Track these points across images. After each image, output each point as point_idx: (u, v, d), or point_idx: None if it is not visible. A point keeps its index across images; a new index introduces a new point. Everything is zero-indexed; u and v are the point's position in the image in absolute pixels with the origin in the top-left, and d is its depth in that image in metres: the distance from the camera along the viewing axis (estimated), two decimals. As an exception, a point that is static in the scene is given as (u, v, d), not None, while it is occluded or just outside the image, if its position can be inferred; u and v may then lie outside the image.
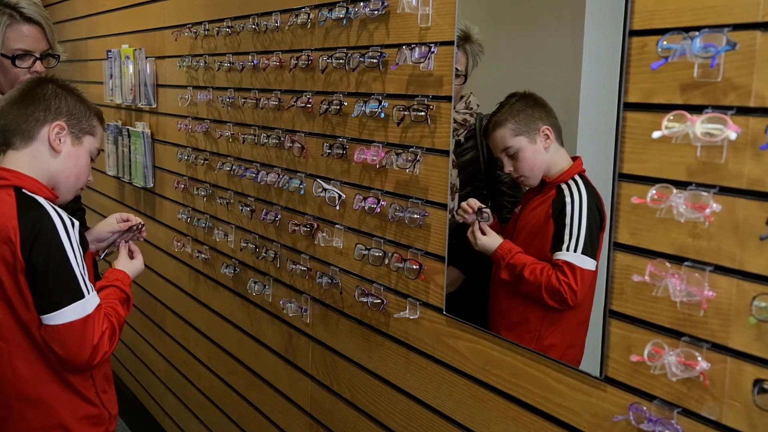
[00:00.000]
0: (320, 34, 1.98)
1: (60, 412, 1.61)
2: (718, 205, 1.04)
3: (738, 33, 1.01)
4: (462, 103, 1.58)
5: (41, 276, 1.50)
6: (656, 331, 1.16)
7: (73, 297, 1.52)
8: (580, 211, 1.35)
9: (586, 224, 1.34)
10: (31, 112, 1.61)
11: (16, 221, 1.50)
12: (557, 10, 1.42)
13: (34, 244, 1.49)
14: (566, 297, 1.36)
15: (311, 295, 2.11)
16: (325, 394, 2.09)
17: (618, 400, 1.23)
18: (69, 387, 1.62)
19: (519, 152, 1.43)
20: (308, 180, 2.06)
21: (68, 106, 1.65)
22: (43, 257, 1.50)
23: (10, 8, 1.94)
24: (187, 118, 2.77)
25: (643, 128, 1.16)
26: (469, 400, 1.57)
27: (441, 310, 1.62)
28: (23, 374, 1.57)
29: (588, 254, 1.33)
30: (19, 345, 1.56)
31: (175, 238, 2.95)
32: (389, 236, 1.77)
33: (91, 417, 1.67)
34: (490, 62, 1.55)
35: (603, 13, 1.31)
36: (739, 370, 1.04)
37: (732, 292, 1.04)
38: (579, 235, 1.35)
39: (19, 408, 1.59)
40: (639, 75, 1.16)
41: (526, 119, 1.42)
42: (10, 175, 1.58)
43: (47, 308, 1.51)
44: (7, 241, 1.49)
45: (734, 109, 1.03)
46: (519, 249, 1.47)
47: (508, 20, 1.53)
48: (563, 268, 1.36)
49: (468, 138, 1.60)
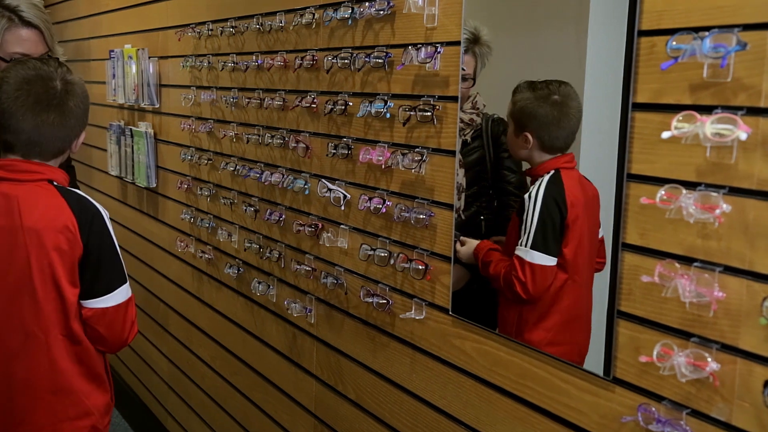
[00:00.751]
0: (325, 34, 1.97)
1: (86, 402, 1.68)
2: (728, 205, 1.04)
3: (748, 33, 1.01)
4: (468, 103, 1.58)
5: (95, 262, 1.61)
6: (665, 331, 1.15)
7: (122, 280, 1.67)
8: (534, 206, 1.39)
9: (538, 219, 1.38)
10: (68, 134, 1.67)
11: (70, 211, 1.59)
12: (562, 10, 1.42)
13: (91, 231, 1.60)
14: (517, 290, 1.41)
15: (316, 296, 2.11)
16: (329, 394, 2.09)
17: (626, 401, 1.23)
18: (95, 377, 1.70)
19: (509, 130, 1.48)
20: (313, 180, 2.06)
21: (85, 113, 1.71)
22: (98, 244, 1.61)
23: (10, 11, 1.93)
24: (190, 118, 2.77)
25: (651, 128, 1.15)
26: (476, 401, 1.57)
27: (447, 310, 1.62)
28: (60, 365, 1.63)
29: (539, 249, 1.38)
30: (57, 336, 1.61)
31: (178, 238, 2.95)
32: (395, 236, 1.76)
33: (107, 404, 1.75)
34: (494, 62, 1.55)
35: (607, 14, 1.31)
36: (749, 371, 1.04)
37: (742, 293, 1.04)
38: (530, 230, 1.40)
39: (50, 400, 1.64)
40: (648, 75, 1.15)
41: (522, 115, 1.43)
42: (43, 169, 1.64)
43: (100, 292, 1.61)
44: (63, 230, 1.57)
45: (744, 110, 1.02)
46: (494, 246, 1.52)
47: (512, 20, 1.53)
48: (514, 263, 1.42)
49: (475, 138, 1.60)
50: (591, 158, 1.37)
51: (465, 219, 1.61)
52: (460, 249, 1.58)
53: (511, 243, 1.46)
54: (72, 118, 1.66)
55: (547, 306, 1.41)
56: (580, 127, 1.36)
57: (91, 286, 1.61)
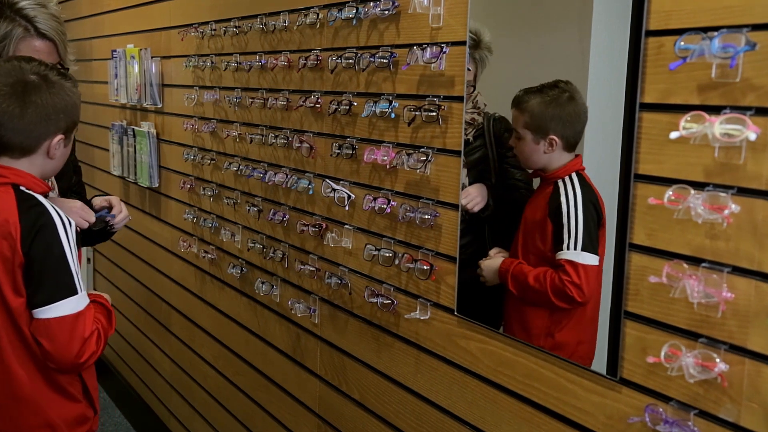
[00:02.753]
0: (329, 34, 1.97)
1: (47, 412, 1.62)
2: (736, 206, 1.04)
3: (757, 33, 1.01)
4: (470, 103, 1.58)
5: (38, 271, 1.54)
6: (672, 332, 1.15)
7: (68, 292, 1.55)
8: (576, 209, 1.37)
9: (583, 222, 1.37)
10: (31, 129, 1.58)
11: (17, 217, 1.53)
12: (565, 11, 1.42)
13: (35, 240, 1.53)
14: (573, 295, 1.38)
15: (320, 296, 2.11)
16: (333, 394, 2.09)
17: (633, 402, 1.23)
18: (56, 386, 1.63)
19: (522, 141, 1.46)
20: (317, 180, 2.06)
21: (57, 112, 1.60)
22: (42, 253, 1.53)
23: (27, 21, 1.89)
24: (193, 118, 2.76)
25: (659, 129, 1.15)
26: (481, 401, 1.56)
27: (452, 310, 1.62)
28: (15, 373, 1.58)
29: (588, 250, 1.36)
30: (12, 342, 1.57)
31: (180, 238, 2.95)
32: (399, 236, 1.76)
33: (78, 417, 1.67)
34: (497, 62, 1.54)
35: (610, 14, 1.31)
36: (757, 371, 1.04)
37: (751, 294, 1.04)
38: (577, 233, 1.37)
39: (8, 405, 1.59)
40: (655, 75, 1.15)
41: (543, 121, 1.41)
42: (8, 173, 1.59)
43: (41, 302, 1.53)
44: (6, 236, 1.52)
45: (753, 110, 1.02)
46: (519, 261, 1.50)
47: (516, 20, 1.53)
48: (565, 267, 1.38)
49: (477, 137, 1.60)
50: (595, 159, 1.38)
51: (468, 218, 1.61)
52: (484, 264, 1.56)
53: (533, 250, 1.45)
54: (34, 112, 1.56)
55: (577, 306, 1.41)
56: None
57: (33, 295, 1.54)
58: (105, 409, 3.98)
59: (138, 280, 3.49)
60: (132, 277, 3.57)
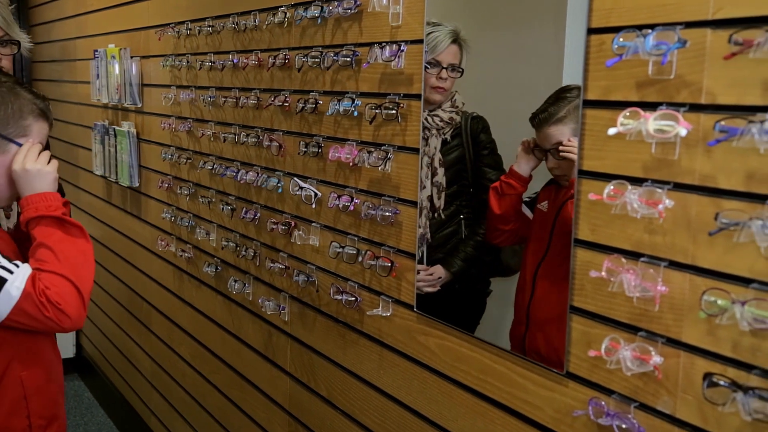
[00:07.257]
0: (297, 33, 1.98)
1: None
2: (671, 201, 1.05)
3: (689, 31, 1.02)
4: (448, 102, 1.59)
5: None
6: (615, 326, 1.17)
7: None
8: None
9: None
10: None
11: None
12: (541, 9, 1.42)
13: None
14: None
15: (289, 293, 2.12)
16: (303, 391, 2.10)
17: (579, 395, 1.24)
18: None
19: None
20: (286, 178, 2.07)
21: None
22: None
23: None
24: (170, 118, 2.78)
25: (601, 125, 1.16)
26: (439, 397, 1.58)
27: (412, 307, 1.63)
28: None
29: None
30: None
31: (159, 237, 2.96)
32: (363, 234, 1.78)
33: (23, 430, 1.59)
34: (474, 61, 1.55)
35: (583, 12, 1.32)
36: (691, 364, 1.05)
37: (685, 287, 1.05)
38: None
39: None
40: (597, 72, 1.17)
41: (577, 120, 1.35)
42: None
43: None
44: None
45: (687, 106, 1.04)
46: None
47: (491, 19, 1.54)
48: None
49: (454, 136, 1.61)
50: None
51: (445, 218, 1.61)
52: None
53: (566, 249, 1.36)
54: None
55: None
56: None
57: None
58: (89, 409, 3.99)
59: (120, 280, 3.50)
60: (114, 276, 3.57)
